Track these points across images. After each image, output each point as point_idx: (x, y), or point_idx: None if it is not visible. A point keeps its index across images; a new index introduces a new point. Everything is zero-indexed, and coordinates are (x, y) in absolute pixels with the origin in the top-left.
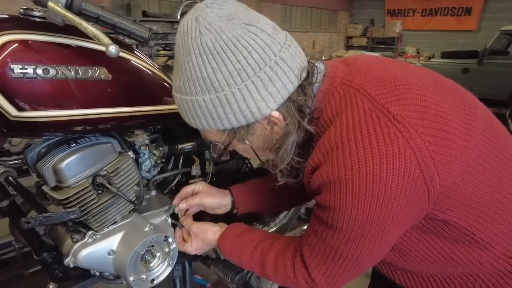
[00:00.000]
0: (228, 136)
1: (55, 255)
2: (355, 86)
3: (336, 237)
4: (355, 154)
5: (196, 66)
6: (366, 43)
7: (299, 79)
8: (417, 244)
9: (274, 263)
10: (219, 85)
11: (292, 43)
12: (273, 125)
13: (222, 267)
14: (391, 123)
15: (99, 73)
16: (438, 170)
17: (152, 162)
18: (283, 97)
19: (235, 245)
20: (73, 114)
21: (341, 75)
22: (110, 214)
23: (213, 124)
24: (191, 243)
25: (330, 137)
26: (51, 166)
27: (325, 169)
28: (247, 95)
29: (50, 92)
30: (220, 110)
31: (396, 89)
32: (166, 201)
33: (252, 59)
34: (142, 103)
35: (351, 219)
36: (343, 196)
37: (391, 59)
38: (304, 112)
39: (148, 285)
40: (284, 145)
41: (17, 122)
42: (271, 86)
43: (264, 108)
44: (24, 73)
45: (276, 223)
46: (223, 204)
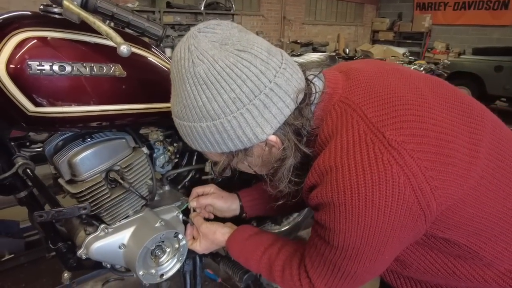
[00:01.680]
0: (227, 158)
1: (69, 245)
2: (352, 105)
3: (333, 253)
4: (347, 179)
5: (192, 95)
6: (392, 38)
7: (295, 102)
8: (419, 257)
9: (281, 270)
10: (215, 113)
11: (288, 65)
12: (271, 146)
13: (231, 265)
14: (386, 149)
15: (113, 70)
16: (435, 195)
17: (166, 158)
18: (279, 121)
19: (243, 248)
20: (88, 110)
21: (340, 92)
22: (123, 209)
23: (211, 148)
24: (199, 242)
25: (325, 159)
26: (66, 160)
27: (320, 190)
28: (243, 122)
29: (66, 89)
30: (218, 136)
31: (394, 110)
32: (179, 197)
33: (246, 87)
34: (157, 100)
35: (346, 240)
36: (337, 219)
37: (396, 67)
38: (301, 135)
39: (157, 279)
40: (282, 169)
41: (34, 117)
42: (267, 113)
43: (260, 134)
44: (41, 70)
45: (290, 222)
46: (232, 209)
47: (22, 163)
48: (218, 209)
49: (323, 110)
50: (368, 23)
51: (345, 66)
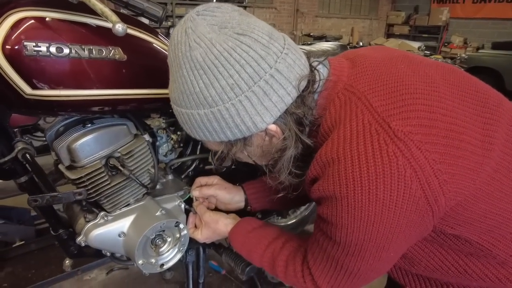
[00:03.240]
0: (226, 147)
1: (70, 232)
2: (357, 94)
3: (336, 249)
4: (350, 172)
5: (189, 81)
6: (408, 32)
7: (297, 89)
8: (428, 254)
9: (284, 266)
10: (212, 100)
11: (290, 50)
12: (271, 136)
13: (234, 257)
14: (391, 140)
15: (113, 53)
16: (444, 190)
17: (169, 146)
18: (280, 110)
19: (246, 241)
20: (88, 94)
21: (345, 80)
22: (123, 196)
23: (209, 136)
24: (201, 231)
25: (327, 150)
26: (66, 146)
27: (322, 183)
28: (242, 110)
29: (64, 71)
30: (215, 124)
31: (401, 99)
32: (182, 186)
33: (245, 73)
34: (159, 86)
35: (348, 235)
36: (339, 213)
37: (405, 54)
38: (303, 125)
39: (157, 269)
40: (282, 159)
41: (32, 100)
42: (267, 100)
43: (259, 122)
44: (37, 51)
45: (296, 215)
46: (236, 201)
47: (22, 148)
48: (221, 200)
49: (327, 98)
50: (383, 17)
51: (352, 53)
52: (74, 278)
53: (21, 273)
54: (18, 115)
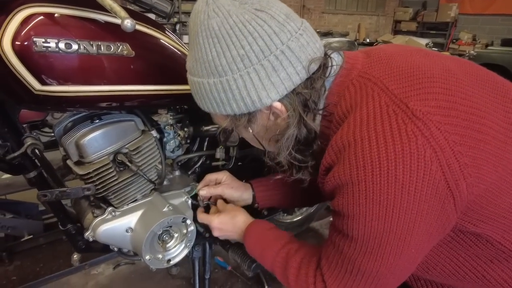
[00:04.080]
0: (231, 122)
1: (78, 227)
2: (373, 79)
3: (353, 248)
4: (368, 153)
5: (203, 48)
6: (415, 28)
7: (307, 70)
8: (444, 259)
9: (298, 268)
10: (222, 69)
11: (306, 33)
12: (276, 116)
13: (240, 253)
14: (410, 120)
15: (121, 49)
16: (465, 174)
17: (176, 142)
18: (287, 88)
19: (263, 237)
20: (96, 90)
21: (359, 67)
22: (131, 192)
23: (217, 108)
24: (219, 215)
25: (342, 134)
26: (74, 141)
27: (337, 169)
28: (249, 82)
29: (73, 67)
30: (223, 95)
31: (418, 83)
32: (189, 182)
33: (257, 46)
34: (167, 82)
35: (367, 226)
36: (356, 200)
37: (421, 49)
38: (308, 107)
39: (164, 264)
40: (283, 138)
41: (41, 96)
42: (275, 76)
43: (265, 97)
44: (47, 47)
45: (302, 212)
46: (244, 198)
47: (31, 143)
48: (229, 198)
49: (341, 85)
50: (391, 13)
51: (366, 48)
52: (81, 272)
53: (29, 267)
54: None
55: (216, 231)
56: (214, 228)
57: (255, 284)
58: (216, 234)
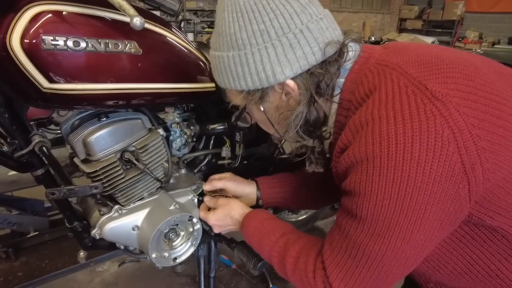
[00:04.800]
0: (244, 99)
1: (85, 224)
2: (391, 65)
3: (360, 229)
4: (385, 130)
5: (227, 22)
6: (421, 27)
7: (323, 52)
8: (456, 257)
9: (296, 257)
10: (242, 43)
11: (326, 18)
12: (289, 96)
13: (246, 252)
14: (428, 100)
15: (129, 47)
16: (482, 158)
17: (182, 141)
18: (302, 67)
19: (260, 227)
20: (104, 88)
21: (376, 56)
22: (137, 190)
23: (232, 82)
24: (214, 212)
25: (361, 115)
26: (81, 139)
27: (353, 148)
28: (265, 57)
29: (81, 65)
30: (239, 69)
31: (437, 68)
32: (195, 180)
33: (277, 22)
34: (174, 80)
35: (377, 205)
36: (369, 177)
37: (439, 45)
38: (321, 89)
39: (170, 263)
40: (292, 115)
41: (49, 94)
42: (291, 53)
43: (279, 73)
44: (55, 45)
45: (307, 211)
46: (246, 193)
47: (39, 141)
48: (231, 192)
49: (358, 73)
50: (396, 11)
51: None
52: (87, 269)
53: (35, 263)
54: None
55: (216, 228)
56: (212, 225)
57: (260, 282)
58: (217, 231)
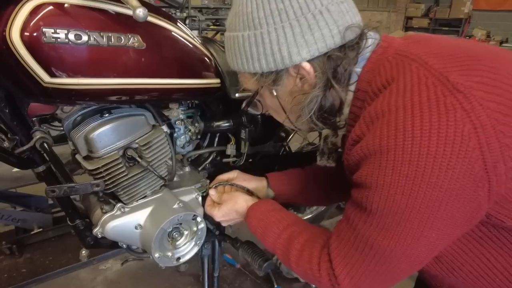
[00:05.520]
0: (257, 82)
1: (87, 222)
2: (410, 56)
3: (369, 223)
4: (401, 121)
5: (244, 1)
6: (427, 25)
7: (342, 36)
8: (472, 259)
9: (300, 249)
10: (259, 22)
11: (347, 3)
12: (304, 81)
13: (251, 252)
14: (450, 92)
15: (132, 41)
16: (505, 156)
17: (187, 138)
18: (319, 49)
19: (264, 219)
20: (106, 83)
21: (396, 46)
22: (140, 188)
23: (246, 64)
24: (219, 208)
25: (376, 105)
26: (83, 135)
27: (367, 139)
28: (282, 37)
29: (82, 59)
30: (254, 49)
31: (459, 60)
32: (199, 179)
33: (296, 2)
34: (178, 75)
35: (389, 199)
36: (382, 170)
37: (461, 38)
38: (338, 73)
39: (173, 262)
40: (306, 99)
41: (50, 89)
42: (309, 34)
43: (295, 55)
44: (56, 38)
45: (312, 211)
46: (258, 189)
47: (40, 137)
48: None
49: (376, 62)
50: (402, 9)
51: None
52: (90, 267)
53: (38, 259)
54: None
55: (223, 223)
56: (219, 220)
57: (264, 282)
58: (225, 224)
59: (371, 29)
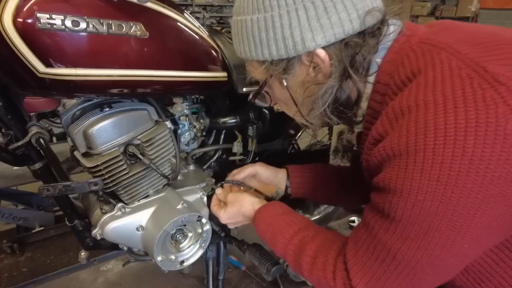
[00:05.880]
0: (266, 70)
1: (86, 223)
2: (439, 45)
3: (392, 231)
4: (432, 118)
5: None
6: None
7: (362, 21)
8: (504, 270)
9: (313, 256)
10: (269, 4)
11: None
12: (317, 70)
13: (258, 255)
14: (489, 85)
15: (134, 29)
16: None
17: (191, 135)
18: (336, 34)
19: (273, 223)
20: (105, 74)
21: (420, 34)
22: (142, 187)
23: (254, 51)
24: (225, 209)
25: (402, 100)
26: (82, 131)
27: (391, 138)
28: (295, 20)
29: (80, 48)
30: (263, 34)
31: (496, 48)
32: (204, 177)
33: None
34: (183, 67)
35: (416, 206)
36: (409, 173)
37: (491, 25)
38: (356, 61)
39: (177, 266)
40: (320, 90)
41: (46, 80)
42: (325, 18)
43: (309, 40)
44: (51, 24)
45: (320, 211)
46: (278, 179)
47: (36, 132)
48: (262, 177)
49: (398, 53)
50: (408, 8)
51: None
52: (90, 268)
53: (40, 259)
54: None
55: (229, 225)
56: (225, 223)
57: (270, 285)
58: (231, 227)
59: (393, 15)
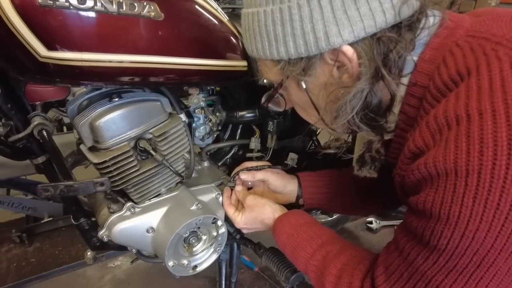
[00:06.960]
0: (282, 71)
1: (93, 221)
2: (493, 38)
3: (432, 261)
4: (490, 133)
5: None
6: None
7: (397, 13)
8: None
9: (337, 275)
10: None
11: None
12: (343, 71)
13: (276, 261)
14: None
15: (148, 10)
16: None
17: (207, 129)
18: (366, 28)
19: (295, 234)
20: (115, 60)
21: (467, 26)
22: (154, 185)
23: (268, 48)
24: (242, 214)
25: (447, 108)
26: (88, 123)
27: (434, 155)
28: (317, 12)
29: (87, 29)
30: (279, 28)
31: None
32: (220, 175)
33: None
34: (200, 54)
35: (466, 236)
36: (458, 198)
37: None
38: (390, 60)
39: (189, 272)
40: (348, 95)
41: (47, 64)
42: (353, 9)
43: (334, 35)
44: (54, 1)
45: None
46: (288, 190)
47: (38, 123)
48: (273, 186)
49: (439, 49)
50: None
51: None
52: (98, 265)
53: (48, 249)
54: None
55: (244, 230)
56: (240, 228)
57: None
58: (246, 232)
59: (433, 5)
